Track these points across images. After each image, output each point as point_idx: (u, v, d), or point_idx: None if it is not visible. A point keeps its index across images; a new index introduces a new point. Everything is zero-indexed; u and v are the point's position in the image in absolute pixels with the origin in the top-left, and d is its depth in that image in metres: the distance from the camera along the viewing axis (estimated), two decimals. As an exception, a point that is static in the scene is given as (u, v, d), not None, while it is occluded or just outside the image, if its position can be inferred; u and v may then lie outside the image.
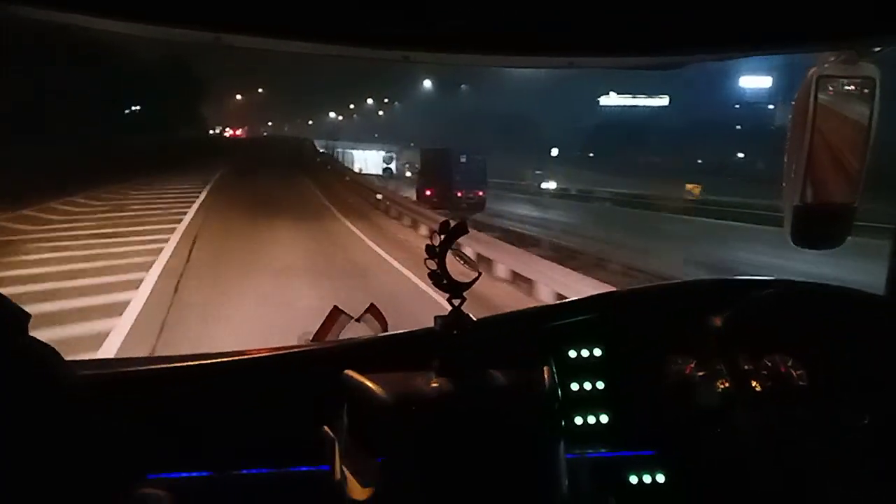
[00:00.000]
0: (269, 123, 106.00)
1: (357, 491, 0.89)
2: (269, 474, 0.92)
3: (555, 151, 53.76)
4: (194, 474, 0.90)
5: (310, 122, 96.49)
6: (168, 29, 0.82)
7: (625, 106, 55.23)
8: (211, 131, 73.73)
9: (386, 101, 71.94)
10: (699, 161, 40.34)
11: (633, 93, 55.33)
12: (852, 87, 0.87)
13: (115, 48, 33.00)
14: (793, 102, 0.91)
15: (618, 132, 49.50)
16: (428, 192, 19.87)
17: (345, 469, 0.90)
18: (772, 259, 10.76)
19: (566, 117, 53.45)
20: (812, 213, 0.90)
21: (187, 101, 54.42)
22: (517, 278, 8.76)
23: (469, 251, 6.75)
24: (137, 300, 6.87)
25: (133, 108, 45.89)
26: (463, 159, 21.24)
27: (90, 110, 31.91)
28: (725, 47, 0.85)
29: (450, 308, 0.94)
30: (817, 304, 1.13)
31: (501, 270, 9.11)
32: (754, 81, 43.75)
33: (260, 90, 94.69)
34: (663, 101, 53.55)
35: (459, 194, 19.58)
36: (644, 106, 54.92)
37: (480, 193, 20.83)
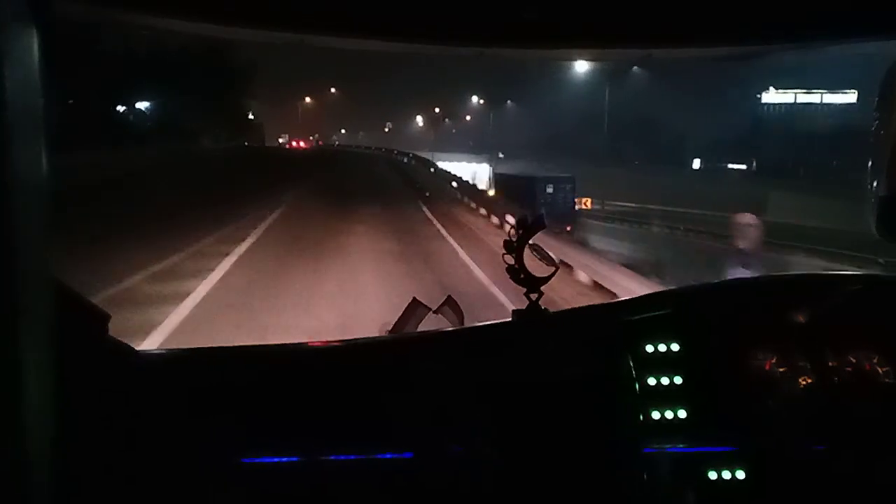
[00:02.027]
0: (343, 131, 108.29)
1: (439, 477, 1.07)
2: (355, 461, 1.07)
3: (696, 163, 50.39)
4: (284, 459, 1.05)
5: (386, 129, 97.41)
6: (253, 31, 0.98)
7: (798, 104, 50.50)
8: (281, 139, 76.51)
9: (481, 102, 71.42)
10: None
11: (806, 88, 50.59)
12: None
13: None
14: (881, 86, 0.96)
15: (789, 138, 44.89)
16: None
17: (427, 456, 1.08)
18: None
19: (709, 118, 49.43)
20: None
21: (225, 102, 42.64)
22: None
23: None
24: None
25: (135, 105, 35.21)
26: (549, 189, 20.58)
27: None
28: (807, 35, 0.98)
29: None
30: None
31: None
32: None
33: (332, 90, 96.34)
34: (849, 97, 48.46)
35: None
36: (823, 104, 49.97)
37: (568, 228, 20.46)
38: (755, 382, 1.15)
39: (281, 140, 77.50)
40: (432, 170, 29.50)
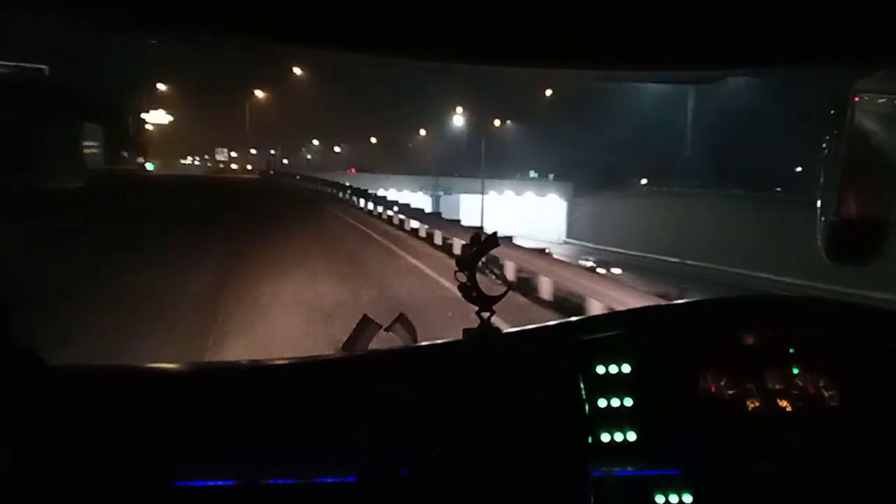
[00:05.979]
0: (315, 142, 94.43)
1: (382, 503, 1.24)
2: (294, 485, 1.22)
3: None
4: (220, 483, 1.18)
5: (372, 140, 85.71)
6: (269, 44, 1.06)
7: None
8: (219, 156, 66.20)
9: (548, 92, 60.88)
10: None
11: None
12: (891, 102, 1.20)
13: None
14: (830, 113, 1.23)
15: None
16: None
17: (371, 481, 1.24)
18: None
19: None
20: (847, 228, 1.24)
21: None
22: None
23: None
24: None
25: None
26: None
27: None
28: (758, 61, 1.14)
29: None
30: (850, 322, 1.56)
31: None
32: None
33: (297, 70, 77.56)
34: None
35: None
36: None
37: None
38: (703, 405, 1.41)
39: (219, 157, 68.39)
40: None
